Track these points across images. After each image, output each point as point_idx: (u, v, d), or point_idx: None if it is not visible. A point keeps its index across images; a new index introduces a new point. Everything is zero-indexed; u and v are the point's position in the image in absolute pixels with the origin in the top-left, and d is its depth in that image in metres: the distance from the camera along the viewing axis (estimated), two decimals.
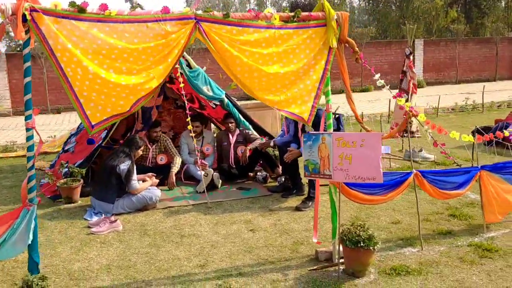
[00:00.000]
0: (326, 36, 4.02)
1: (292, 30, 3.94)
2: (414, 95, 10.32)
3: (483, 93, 13.80)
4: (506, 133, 5.00)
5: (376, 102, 17.28)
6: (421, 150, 7.45)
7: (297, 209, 5.60)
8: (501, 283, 3.63)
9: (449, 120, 12.36)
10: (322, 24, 4.02)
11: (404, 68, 10.47)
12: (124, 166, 5.58)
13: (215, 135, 7.77)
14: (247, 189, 6.52)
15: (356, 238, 3.72)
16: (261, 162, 7.13)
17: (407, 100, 10.28)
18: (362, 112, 13.16)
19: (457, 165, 6.88)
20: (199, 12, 3.74)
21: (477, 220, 4.95)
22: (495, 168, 4.68)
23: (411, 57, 10.40)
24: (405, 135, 10.28)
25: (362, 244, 3.70)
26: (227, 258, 4.31)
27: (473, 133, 9.86)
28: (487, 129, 9.38)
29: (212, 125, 9.03)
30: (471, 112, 13.90)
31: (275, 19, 3.89)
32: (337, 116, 6.36)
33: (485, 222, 4.70)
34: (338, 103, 13.74)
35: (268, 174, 6.88)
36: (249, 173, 7.04)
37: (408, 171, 4.30)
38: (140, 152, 5.99)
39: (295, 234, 4.83)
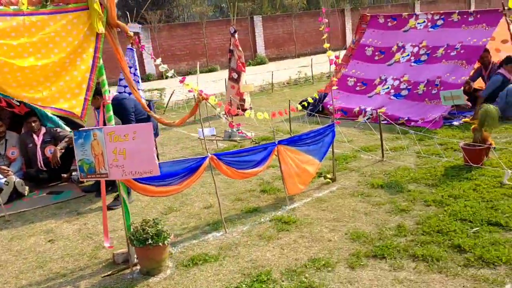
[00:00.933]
0: (90, 21, 3.64)
1: (47, 16, 3.49)
2: (243, 73, 10.47)
3: (311, 66, 14.66)
4: (310, 99, 5.19)
5: (221, 82, 17.35)
6: (238, 129, 7.53)
7: (109, 208, 5.21)
8: (292, 255, 3.73)
9: (283, 94, 12.88)
10: (84, 8, 3.63)
11: (231, 47, 10.55)
12: None
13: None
14: (58, 192, 5.94)
15: (144, 236, 3.50)
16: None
17: (237, 79, 10.43)
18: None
19: (255, 143, 7.09)
20: None
21: (284, 193, 5.10)
22: (291, 142, 4.82)
23: (236, 36, 10.50)
24: (239, 112, 10.45)
25: (150, 242, 3.49)
26: (13, 279, 3.80)
27: (301, 104, 10.41)
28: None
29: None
30: (303, 84, 14.70)
31: (23, 4, 3.39)
32: (147, 103, 6.05)
33: (288, 194, 4.85)
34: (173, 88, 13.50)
35: None
36: (63, 175, 6.42)
37: (203, 156, 4.18)
38: None
39: (99, 238, 4.47)
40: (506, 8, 7.62)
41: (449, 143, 6.30)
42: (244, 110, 10.31)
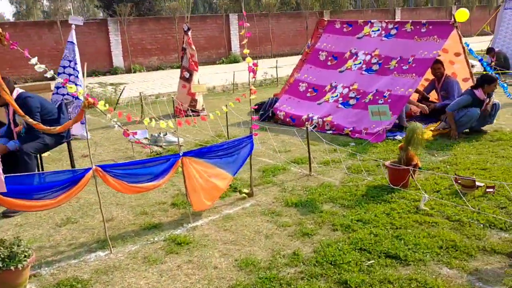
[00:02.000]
0: None
1: None
2: (196, 73, 10.10)
3: (276, 67, 14.34)
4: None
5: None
6: (166, 134, 7.14)
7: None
8: (167, 285, 3.38)
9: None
10: None
11: (184, 45, 10.16)
12: None
13: None
14: None
15: None
16: None
17: (189, 78, 10.05)
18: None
19: (157, 154, 6.67)
20: None
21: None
22: (199, 153, 4.47)
23: (190, 33, 10.12)
24: (192, 114, 10.08)
25: (0, 265, 3.11)
26: None
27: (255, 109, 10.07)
28: (262, 104, 9.61)
29: None
30: (268, 86, 14.37)
31: None
32: (58, 103, 5.65)
33: (193, 210, 4.51)
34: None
35: None
36: None
37: (86, 168, 3.81)
38: None
39: None
40: (457, 21, 7.37)
41: (386, 158, 6.01)
42: (196, 111, 9.96)
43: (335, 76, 8.63)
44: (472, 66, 15.39)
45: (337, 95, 8.26)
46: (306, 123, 8.16)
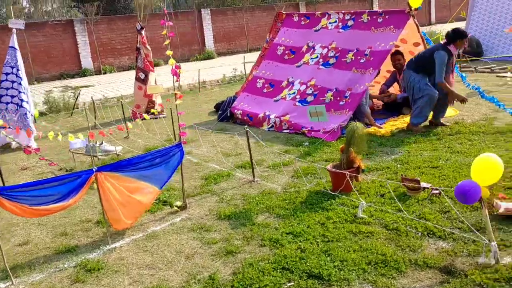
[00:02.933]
0: None
1: None
2: (152, 73, 9.68)
3: (244, 63, 13.93)
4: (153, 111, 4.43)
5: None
6: (102, 143, 6.72)
7: None
8: None
9: (209, 94, 12.13)
10: None
11: (138, 45, 9.73)
12: None
13: None
14: None
15: None
16: None
17: (144, 79, 9.62)
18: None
19: (67, 170, 6.18)
20: None
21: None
22: (117, 167, 4.10)
23: (143, 32, 9.68)
24: (152, 117, 9.66)
25: None
26: None
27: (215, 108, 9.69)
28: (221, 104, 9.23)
29: None
30: (237, 83, 13.97)
31: None
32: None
33: (114, 229, 4.14)
34: None
35: None
36: None
37: None
38: None
39: None
40: (412, 9, 7.03)
41: (335, 159, 5.68)
42: (153, 113, 9.54)
43: (292, 71, 8.26)
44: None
45: (294, 92, 7.90)
46: (264, 122, 7.86)
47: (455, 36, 6.38)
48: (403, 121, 7.23)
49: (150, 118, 9.42)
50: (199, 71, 13.10)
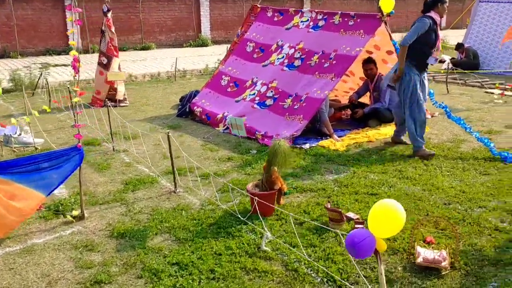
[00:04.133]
0: None
1: None
2: (115, 59, 9.15)
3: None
4: None
5: (140, 63, 15.93)
6: (20, 134, 6.19)
7: None
8: None
9: (184, 85, 11.59)
10: None
11: (103, 27, 9.21)
12: None
13: None
14: None
15: None
16: None
17: (107, 64, 9.09)
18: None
19: None
20: None
21: None
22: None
23: (109, 15, 9.14)
24: (111, 104, 9.16)
25: None
26: None
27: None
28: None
29: None
30: None
31: None
32: None
33: None
34: None
35: None
36: None
37: None
38: None
39: None
40: (385, 14, 6.42)
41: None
42: (115, 101, 9.05)
43: (258, 71, 7.70)
44: (442, 61, 14.57)
45: (254, 93, 7.35)
46: (220, 123, 7.33)
47: (434, 0, 5.55)
48: (365, 135, 6.68)
49: (112, 106, 9.00)
50: (176, 59, 12.53)
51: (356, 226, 3.79)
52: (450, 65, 13.44)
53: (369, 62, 7.28)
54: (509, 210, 4.15)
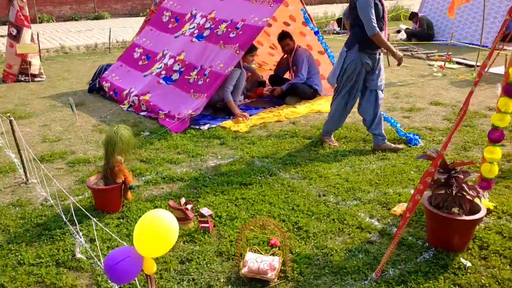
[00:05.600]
0: None
1: None
2: (27, 29, 8.39)
3: None
4: None
5: (87, 33, 15.04)
6: None
7: None
8: None
9: (116, 57, 10.84)
10: None
11: None
12: None
13: None
14: None
15: None
16: None
17: (16, 36, 8.34)
18: None
19: None
20: None
21: None
22: None
23: None
24: (24, 78, 8.49)
25: None
26: None
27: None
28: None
29: None
30: None
31: None
32: None
33: None
34: None
35: None
36: None
37: None
38: None
39: None
40: None
41: (153, 160, 4.64)
42: (28, 75, 8.36)
43: (169, 43, 7.07)
44: (398, 31, 13.97)
45: (161, 67, 6.73)
46: (125, 100, 6.73)
47: None
48: (277, 114, 6.17)
49: (25, 81, 8.32)
50: (110, 29, 11.74)
51: (201, 225, 3.33)
52: (405, 36, 12.94)
53: (284, 38, 6.71)
54: (385, 202, 3.70)
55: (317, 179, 4.17)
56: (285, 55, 7.02)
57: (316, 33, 6.28)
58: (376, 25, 4.35)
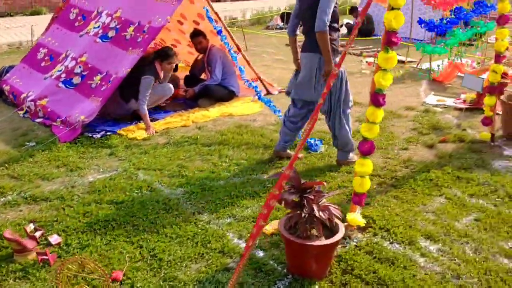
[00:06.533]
0: None
1: None
2: None
3: None
4: None
5: (19, 29, 14.19)
6: None
7: None
8: None
9: None
10: None
11: None
12: None
13: None
14: None
15: None
16: None
17: None
18: None
19: None
20: None
21: None
22: None
23: None
24: None
25: None
26: None
27: None
28: None
29: None
30: None
31: None
32: None
33: None
34: None
35: None
36: None
37: None
38: None
39: None
40: None
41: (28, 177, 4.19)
42: None
43: (73, 42, 6.55)
44: (341, 25, 13.80)
45: (61, 69, 6.23)
46: (23, 105, 6.21)
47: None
48: (185, 118, 5.81)
49: None
50: (32, 26, 11.03)
51: (40, 258, 2.94)
52: (346, 31, 12.77)
53: (196, 36, 6.35)
54: None
55: (199, 193, 3.84)
56: (200, 55, 6.66)
57: (219, 32, 5.92)
58: (328, 22, 3.91)
